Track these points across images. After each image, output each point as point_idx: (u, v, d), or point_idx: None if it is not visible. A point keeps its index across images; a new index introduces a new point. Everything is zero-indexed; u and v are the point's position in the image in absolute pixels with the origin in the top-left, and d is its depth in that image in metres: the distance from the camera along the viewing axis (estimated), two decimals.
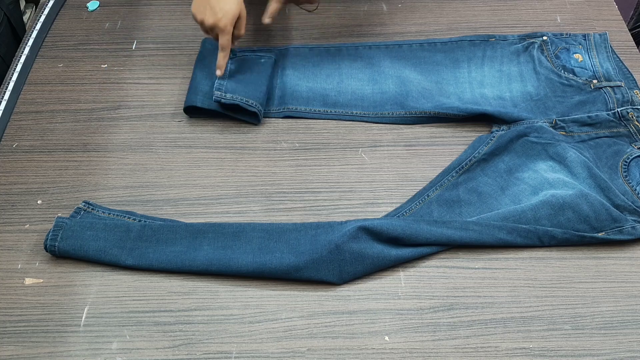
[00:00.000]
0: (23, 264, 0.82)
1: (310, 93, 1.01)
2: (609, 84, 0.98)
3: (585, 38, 1.06)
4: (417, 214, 0.86)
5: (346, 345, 0.75)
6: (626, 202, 0.84)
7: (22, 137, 0.97)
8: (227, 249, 0.81)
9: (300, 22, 1.14)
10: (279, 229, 0.83)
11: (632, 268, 0.81)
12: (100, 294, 0.79)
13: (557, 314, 0.77)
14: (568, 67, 1.02)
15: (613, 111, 0.94)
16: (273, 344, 0.75)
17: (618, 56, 1.03)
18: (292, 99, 1.00)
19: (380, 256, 0.80)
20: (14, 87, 1.02)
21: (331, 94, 1.01)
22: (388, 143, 0.96)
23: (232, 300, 0.79)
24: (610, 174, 0.88)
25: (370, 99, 1.00)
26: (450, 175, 0.90)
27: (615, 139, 0.92)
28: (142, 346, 0.75)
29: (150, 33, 1.12)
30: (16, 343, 0.75)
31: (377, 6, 1.16)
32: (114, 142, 0.96)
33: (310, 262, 0.79)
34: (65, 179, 0.91)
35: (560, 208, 0.83)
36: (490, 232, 0.82)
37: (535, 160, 0.90)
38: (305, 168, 0.93)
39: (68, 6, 1.18)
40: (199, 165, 0.93)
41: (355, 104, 1.00)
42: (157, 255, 0.81)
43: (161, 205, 0.88)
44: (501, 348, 0.75)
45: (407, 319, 0.77)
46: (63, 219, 0.83)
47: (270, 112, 0.99)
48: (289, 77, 1.03)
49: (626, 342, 0.75)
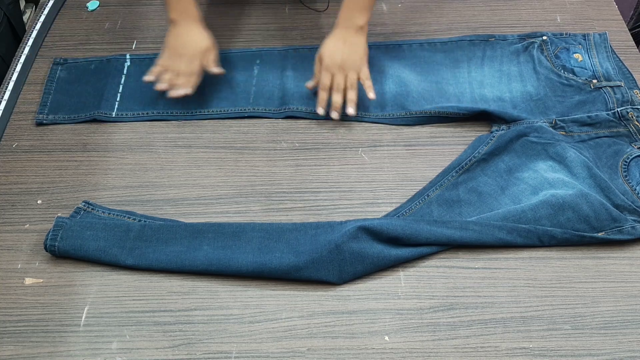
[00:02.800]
0: (23, 264, 0.82)
1: (310, 93, 1.00)
2: (608, 84, 0.98)
3: (585, 38, 1.06)
4: (417, 213, 0.86)
5: (346, 345, 0.75)
6: (626, 201, 0.84)
7: (22, 137, 0.97)
8: (227, 249, 0.81)
9: (300, 22, 1.14)
10: (278, 229, 0.83)
11: (632, 268, 0.81)
12: (100, 294, 0.79)
13: (557, 314, 0.77)
14: (568, 67, 1.02)
15: (613, 111, 0.94)
16: (273, 344, 0.75)
17: (618, 56, 1.03)
18: (293, 99, 1.00)
19: (380, 256, 0.80)
20: (14, 87, 1.02)
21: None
22: (388, 143, 0.96)
23: (232, 300, 0.79)
24: (610, 173, 0.88)
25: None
26: (450, 175, 0.90)
27: (615, 138, 0.92)
28: (142, 346, 0.75)
29: (150, 33, 1.12)
30: (16, 343, 0.75)
31: (377, 6, 1.16)
32: (114, 142, 0.96)
33: (310, 262, 0.79)
34: (65, 179, 0.91)
35: (560, 208, 0.83)
36: (490, 232, 0.82)
37: (535, 160, 0.90)
38: (305, 168, 0.93)
39: (68, 6, 1.18)
40: (199, 165, 0.93)
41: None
42: (157, 255, 0.81)
43: (161, 205, 0.88)
44: (501, 348, 0.75)
45: (407, 319, 0.77)
46: (63, 219, 0.83)
47: (271, 112, 0.99)
48: (289, 78, 1.03)
49: (626, 342, 0.75)
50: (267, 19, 1.14)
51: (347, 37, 0.95)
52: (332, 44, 0.96)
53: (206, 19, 0.99)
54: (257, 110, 0.99)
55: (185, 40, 0.96)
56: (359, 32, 0.96)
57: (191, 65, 0.96)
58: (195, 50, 0.96)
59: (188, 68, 0.96)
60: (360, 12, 0.95)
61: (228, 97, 1.01)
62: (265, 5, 1.17)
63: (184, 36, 0.96)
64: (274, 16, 1.15)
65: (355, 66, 0.95)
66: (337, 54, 0.95)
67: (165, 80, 0.96)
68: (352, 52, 0.95)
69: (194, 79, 0.97)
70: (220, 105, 1.00)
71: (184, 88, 0.96)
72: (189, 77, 0.96)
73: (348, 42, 0.95)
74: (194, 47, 0.96)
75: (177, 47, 0.96)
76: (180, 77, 0.96)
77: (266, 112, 0.99)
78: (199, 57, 0.96)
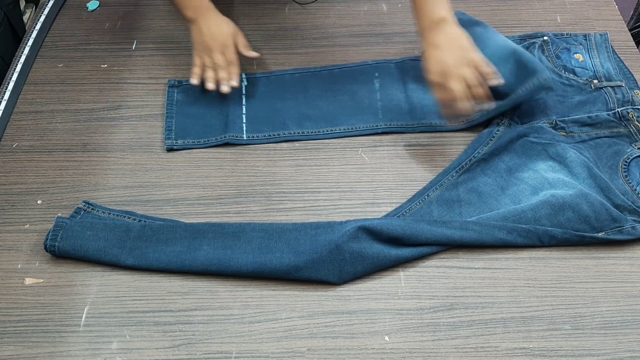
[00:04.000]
0: (23, 264, 0.82)
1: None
2: (609, 84, 0.98)
3: (585, 38, 1.06)
4: (417, 213, 0.86)
5: (346, 345, 0.75)
6: (626, 202, 0.84)
7: (22, 137, 0.97)
8: (227, 248, 0.81)
9: (300, 22, 1.14)
10: (278, 229, 0.83)
11: (632, 268, 0.81)
12: (100, 294, 0.79)
13: (557, 314, 0.77)
14: (569, 67, 1.02)
15: (613, 111, 0.94)
16: (273, 344, 0.75)
17: (619, 56, 1.03)
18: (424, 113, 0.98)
19: (380, 256, 0.80)
20: (14, 87, 1.02)
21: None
22: (388, 143, 0.96)
23: (232, 300, 0.79)
24: (611, 174, 0.88)
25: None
26: (450, 175, 0.90)
27: (615, 139, 0.92)
28: (142, 346, 0.75)
29: (150, 33, 1.13)
30: (16, 343, 0.75)
31: (377, 6, 1.16)
32: (114, 142, 0.96)
33: (310, 262, 0.79)
34: (65, 179, 0.91)
35: (560, 208, 0.83)
36: (490, 232, 0.82)
37: (535, 160, 0.90)
38: (305, 168, 0.93)
39: (68, 6, 1.18)
40: (199, 165, 0.93)
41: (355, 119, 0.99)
42: (157, 255, 0.81)
43: (161, 205, 0.88)
44: (501, 348, 0.75)
45: (407, 319, 0.77)
46: (63, 219, 0.83)
47: (404, 127, 0.97)
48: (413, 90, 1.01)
49: (626, 342, 0.75)
50: (267, 19, 1.14)
51: (440, 37, 0.88)
52: (433, 55, 0.88)
53: None
54: (390, 125, 0.97)
55: (209, 32, 0.95)
56: (447, 24, 0.88)
57: (226, 54, 0.96)
58: (223, 37, 0.95)
59: (224, 58, 0.96)
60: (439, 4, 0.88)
61: (355, 114, 0.99)
62: (265, 5, 1.17)
63: (207, 29, 0.95)
64: (274, 16, 1.15)
65: (466, 61, 0.87)
66: (446, 62, 0.87)
67: (209, 78, 0.96)
68: (455, 48, 0.88)
69: (234, 69, 0.97)
70: (350, 123, 0.98)
71: (228, 81, 0.96)
72: (228, 68, 0.96)
73: (445, 42, 0.88)
74: (221, 35, 0.96)
75: (205, 41, 0.95)
76: (221, 71, 0.96)
77: (399, 127, 0.97)
78: (230, 44, 0.96)
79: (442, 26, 0.89)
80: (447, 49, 0.88)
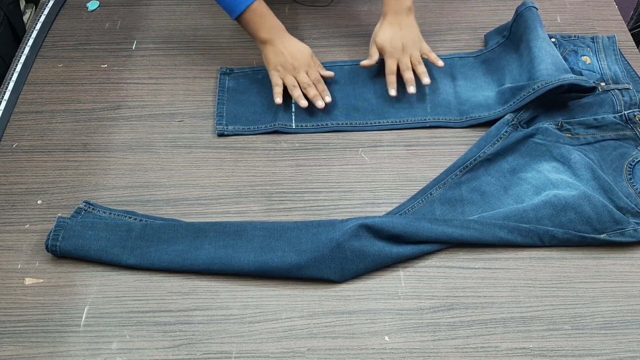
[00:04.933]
0: (23, 264, 0.82)
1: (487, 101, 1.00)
2: (617, 87, 0.98)
3: (593, 40, 1.06)
4: (419, 212, 0.86)
5: (346, 345, 0.75)
6: (629, 204, 0.84)
7: (22, 137, 0.97)
8: (228, 247, 0.81)
9: (300, 22, 1.14)
10: (280, 228, 0.83)
11: (632, 268, 0.81)
12: (100, 294, 0.79)
13: (557, 314, 0.77)
14: (576, 69, 1.02)
15: (620, 114, 0.94)
16: (273, 344, 0.75)
17: (626, 59, 1.03)
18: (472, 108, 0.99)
19: (381, 254, 0.80)
20: (14, 87, 1.02)
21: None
22: (388, 143, 0.96)
23: (232, 300, 0.79)
24: (615, 176, 0.88)
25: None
26: (454, 174, 0.90)
27: (621, 141, 0.92)
28: (142, 346, 0.75)
29: (150, 33, 1.13)
30: (16, 343, 0.75)
31: (377, 6, 1.16)
32: (114, 142, 0.96)
33: (311, 260, 0.79)
34: (65, 179, 0.91)
35: (563, 209, 0.83)
36: (490, 230, 0.82)
37: (539, 160, 0.90)
38: (305, 168, 0.93)
39: (68, 6, 1.18)
40: (199, 165, 0.93)
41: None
42: (159, 255, 0.81)
43: (161, 205, 0.88)
44: (501, 348, 0.75)
45: (407, 319, 0.77)
46: (64, 219, 0.83)
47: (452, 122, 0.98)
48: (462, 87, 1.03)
49: (626, 342, 0.75)
50: None
51: (400, 21, 0.99)
52: (388, 31, 0.99)
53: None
54: (438, 120, 0.98)
55: (289, 53, 0.97)
56: (409, 13, 1.00)
57: (311, 73, 0.98)
58: (304, 58, 0.98)
59: (310, 77, 0.98)
60: None
61: (404, 107, 1.00)
62: (274, 5, 1.17)
63: (285, 50, 0.97)
64: None
65: (415, 45, 1.00)
66: (396, 40, 0.99)
67: (298, 96, 0.97)
68: (409, 33, 0.99)
69: (321, 86, 0.99)
70: (398, 116, 0.99)
71: (322, 97, 0.98)
72: (319, 85, 0.98)
73: (403, 25, 0.99)
74: (302, 55, 0.98)
75: (287, 62, 0.97)
76: (311, 88, 0.97)
77: (447, 122, 0.98)
78: (312, 64, 0.99)
79: (405, 14, 1.00)
80: (402, 31, 0.99)
